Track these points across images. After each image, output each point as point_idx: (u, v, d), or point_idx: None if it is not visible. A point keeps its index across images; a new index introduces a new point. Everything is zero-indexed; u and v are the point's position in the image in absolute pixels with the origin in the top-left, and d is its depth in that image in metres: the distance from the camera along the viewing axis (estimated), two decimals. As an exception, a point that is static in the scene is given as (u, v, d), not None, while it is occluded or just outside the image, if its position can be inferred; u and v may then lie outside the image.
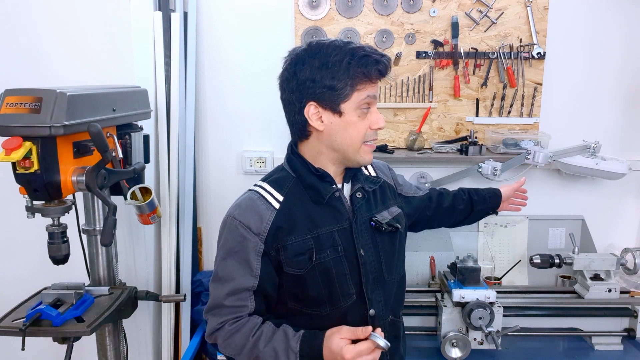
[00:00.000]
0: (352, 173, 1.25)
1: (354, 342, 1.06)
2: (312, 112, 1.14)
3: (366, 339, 1.05)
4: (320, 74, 1.11)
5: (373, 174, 1.35)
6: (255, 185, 1.23)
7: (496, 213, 1.65)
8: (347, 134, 1.15)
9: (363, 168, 1.33)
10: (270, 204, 1.17)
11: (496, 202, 1.61)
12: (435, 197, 1.53)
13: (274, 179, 1.22)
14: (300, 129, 1.19)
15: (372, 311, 1.21)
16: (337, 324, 1.11)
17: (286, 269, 1.16)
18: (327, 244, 1.17)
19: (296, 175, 1.20)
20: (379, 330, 1.06)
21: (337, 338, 1.06)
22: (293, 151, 1.23)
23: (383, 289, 1.24)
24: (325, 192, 1.18)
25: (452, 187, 1.73)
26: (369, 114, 1.16)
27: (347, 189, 1.25)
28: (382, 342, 1.04)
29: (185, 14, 2.08)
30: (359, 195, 1.23)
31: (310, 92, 1.13)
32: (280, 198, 1.18)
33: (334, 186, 1.21)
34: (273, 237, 1.15)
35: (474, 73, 2.15)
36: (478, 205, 1.58)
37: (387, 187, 1.36)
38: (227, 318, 1.15)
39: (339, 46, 1.11)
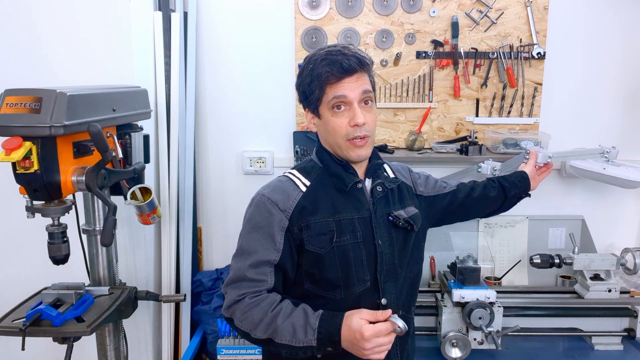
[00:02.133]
0: (374, 170, 1.31)
1: (372, 324, 1.09)
2: (309, 117, 1.28)
3: (385, 321, 1.09)
4: (298, 82, 1.25)
5: (392, 175, 1.39)
6: (285, 172, 1.32)
7: (529, 195, 1.66)
8: (328, 133, 1.23)
9: (384, 168, 1.38)
10: (297, 186, 1.25)
11: (526, 185, 1.64)
12: (464, 189, 1.55)
13: (303, 167, 1.31)
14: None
15: (384, 300, 1.25)
16: (350, 310, 1.14)
17: (307, 246, 1.21)
18: (347, 229, 1.23)
19: (323, 165, 1.28)
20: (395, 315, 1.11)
21: (357, 317, 1.09)
22: (321, 145, 1.31)
23: (395, 281, 1.28)
24: (349, 180, 1.25)
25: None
26: (347, 111, 1.19)
27: (368, 183, 1.31)
28: (401, 323, 1.07)
29: (185, 14, 2.08)
30: (379, 189, 1.29)
31: (301, 99, 1.27)
32: (307, 183, 1.26)
33: (357, 177, 1.27)
34: (298, 216, 1.21)
35: (474, 73, 2.15)
36: (510, 190, 1.60)
37: (405, 187, 1.39)
38: (248, 291, 1.18)
39: (315, 54, 1.20)
